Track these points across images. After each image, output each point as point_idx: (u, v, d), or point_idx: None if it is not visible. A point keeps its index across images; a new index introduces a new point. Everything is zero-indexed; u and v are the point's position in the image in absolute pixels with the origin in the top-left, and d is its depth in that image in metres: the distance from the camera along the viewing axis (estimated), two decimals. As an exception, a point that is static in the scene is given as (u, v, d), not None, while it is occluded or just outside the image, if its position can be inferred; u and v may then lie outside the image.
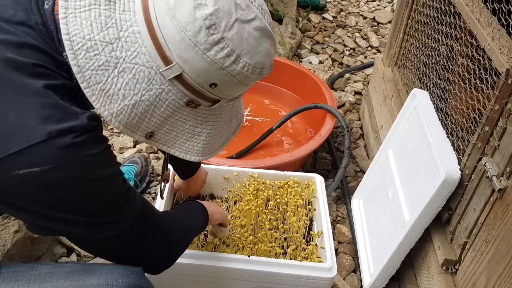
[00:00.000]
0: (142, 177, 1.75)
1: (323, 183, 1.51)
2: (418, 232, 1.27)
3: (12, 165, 0.66)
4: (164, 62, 0.72)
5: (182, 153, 0.83)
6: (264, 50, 0.76)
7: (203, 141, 0.84)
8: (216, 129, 0.86)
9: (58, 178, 0.68)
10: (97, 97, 0.72)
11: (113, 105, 0.73)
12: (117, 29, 0.72)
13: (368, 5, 3.36)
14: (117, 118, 0.74)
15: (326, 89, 2.09)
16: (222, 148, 0.90)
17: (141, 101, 0.74)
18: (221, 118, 0.86)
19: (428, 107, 1.42)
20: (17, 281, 0.84)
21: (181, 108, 0.78)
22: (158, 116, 0.77)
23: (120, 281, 0.85)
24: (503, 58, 1.03)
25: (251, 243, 1.33)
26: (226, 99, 0.81)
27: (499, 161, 1.04)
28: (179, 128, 0.80)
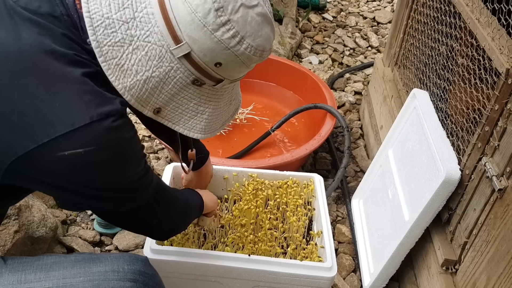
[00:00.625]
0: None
1: (322, 182, 1.51)
2: (418, 232, 1.28)
3: (58, 147, 0.72)
4: (175, 41, 0.78)
5: (186, 130, 0.89)
6: (265, 34, 0.82)
7: (205, 120, 0.89)
8: (217, 110, 0.91)
9: (100, 158, 0.76)
10: (113, 71, 0.78)
11: (126, 79, 0.79)
12: (133, 9, 0.78)
13: (368, 5, 3.37)
14: (129, 91, 0.80)
15: (326, 89, 2.09)
16: (221, 129, 0.96)
17: (152, 77, 0.80)
18: (222, 100, 0.91)
19: (428, 107, 1.42)
20: (24, 270, 0.87)
21: (187, 86, 0.83)
22: (166, 93, 0.82)
23: (126, 267, 0.89)
24: (503, 58, 1.03)
25: (251, 242, 1.33)
26: (228, 79, 0.86)
27: (499, 161, 1.04)
28: (184, 106, 0.86)
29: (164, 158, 1.94)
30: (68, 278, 0.87)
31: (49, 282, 0.86)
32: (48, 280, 0.86)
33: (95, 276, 0.87)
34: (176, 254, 1.23)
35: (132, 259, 0.92)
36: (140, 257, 0.94)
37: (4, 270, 0.87)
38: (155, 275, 0.95)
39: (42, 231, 1.42)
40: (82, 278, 0.87)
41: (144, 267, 0.93)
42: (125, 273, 0.89)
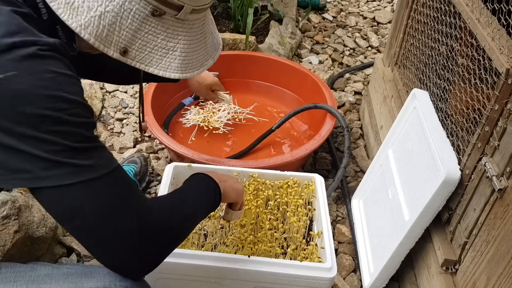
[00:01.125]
0: (141, 176, 1.75)
1: (323, 183, 1.51)
2: (418, 232, 1.27)
3: None
4: None
5: (161, 71, 0.84)
6: None
7: (179, 57, 0.85)
8: (190, 45, 0.86)
9: (21, 86, 0.67)
10: (63, 10, 0.75)
11: (80, 17, 0.76)
12: None
13: (368, 5, 3.36)
14: (86, 30, 0.76)
15: (326, 89, 2.09)
16: (201, 70, 0.90)
17: (107, 12, 0.77)
18: (192, 34, 0.87)
19: (428, 107, 1.42)
20: (16, 281, 0.85)
21: (147, 19, 0.80)
22: (127, 29, 0.79)
23: (118, 284, 0.85)
24: (503, 58, 1.03)
25: (251, 243, 1.33)
26: (189, 5, 0.82)
27: (499, 161, 1.04)
28: (151, 43, 0.82)
29: (164, 158, 1.94)
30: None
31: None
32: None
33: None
34: (175, 256, 1.23)
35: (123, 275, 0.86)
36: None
37: None
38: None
39: (42, 231, 1.42)
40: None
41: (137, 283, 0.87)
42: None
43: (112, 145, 1.99)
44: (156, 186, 1.80)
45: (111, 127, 2.10)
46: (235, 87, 2.30)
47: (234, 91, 2.28)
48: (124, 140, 1.99)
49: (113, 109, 2.19)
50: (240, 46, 2.44)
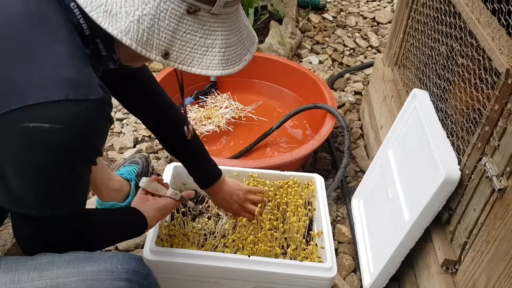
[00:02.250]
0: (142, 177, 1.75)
1: (323, 183, 1.51)
2: (418, 232, 1.27)
3: (26, 116, 0.72)
4: None
5: (204, 70, 0.85)
6: None
7: (219, 53, 0.85)
8: (227, 40, 0.87)
9: (61, 139, 0.75)
10: (103, 18, 0.76)
11: (119, 24, 0.77)
12: None
13: (368, 5, 3.36)
14: (127, 35, 0.77)
15: (326, 89, 2.09)
16: (242, 65, 0.91)
17: (144, 15, 0.77)
18: (228, 27, 0.87)
19: (428, 107, 1.42)
20: (18, 270, 0.86)
21: (184, 17, 0.80)
22: (166, 30, 0.80)
23: (120, 267, 0.88)
24: (503, 58, 1.03)
25: (251, 243, 1.33)
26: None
27: (499, 161, 1.04)
28: (191, 43, 0.83)
29: (164, 158, 1.94)
30: (61, 278, 0.86)
31: (42, 282, 0.85)
32: (41, 280, 0.85)
33: (88, 276, 0.86)
34: (176, 255, 1.23)
35: (126, 259, 0.91)
36: (134, 256, 0.93)
37: None
38: (149, 274, 0.94)
39: (42, 232, 1.42)
40: (76, 278, 0.86)
41: (138, 266, 0.91)
42: (119, 272, 0.88)
43: (112, 145, 2.00)
44: (156, 186, 1.80)
45: (111, 127, 2.10)
46: (235, 87, 2.30)
47: (234, 91, 2.28)
48: (124, 140, 1.99)
49: (113, 109, 2.19)
50: (240, 46, 2.43)
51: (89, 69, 0.80)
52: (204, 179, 1.35)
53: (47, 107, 0.72)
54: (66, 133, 0.74)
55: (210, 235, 1.41)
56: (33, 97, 0.71)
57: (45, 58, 0.74)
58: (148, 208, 1.12)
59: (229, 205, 1.40)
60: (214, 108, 2.16)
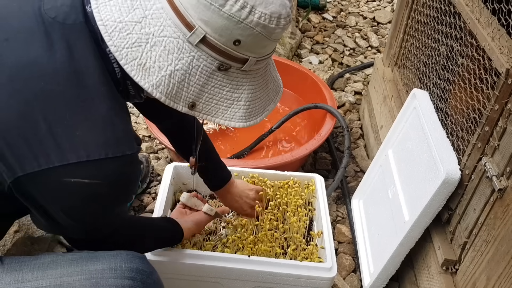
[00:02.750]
0: (143, 177, 1.75)
1: (323, 183, 1.51)
2: (418, 232, 1.27)
3: (67, 173, 0.76)
4: (188, 29, 0.78)
5: (227, 121, 0.87)
6: (277, 0, 0.79)
7: (243, 106, 0.87)
8: (253, 94, 0.88)
9: (99, 192, 0.81)
10: (136, 72, 0.79)
11: (151, 78, 0.79)
12: (143, 9, 0.79)
13: (368, 5, 3.36)
14: (157, 89, 0.80)
15: (326, 89, 2.09)
16: (264, 116, 0.93)
17: (176, 71, 0.80)
18: (256, 82, 0.88)
19: (428, 107, 1.42)
20: (21, 270, 0.87)
21: (214, 73, 0.82)
22: (195, 84, 0.82)
23: (123, 265, 0.89)
24: (503, 58, 1.03)
25: (251, 243, 1.33)
26: (253, 57, 0.83)
27: (499, 161, 1.04)
28: (218, 96, 0.84)
29: (164, 158, 1.94)
30: (65, 276, 0.86)
31: (46, 280, 0.86)
32: (45, 279, 0.86)
33: (92, 275, 0.87)
34: (176, 256, 1.23)
35: (129, 257, 0.91)
36: (138, 255, 0.94)
37: (1, 270, 0.87)
38: (153, 273, 0.95)
39: (42, 231, 1.42)
40: (79, 277, 0.87)
41: (142, 264, 0.92)
42: (123, 271, 0.88)
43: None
44: (156, 186, 1.80)
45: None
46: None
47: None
48: (124, 140, 1.99)
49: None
50: (240, 46, 2.44)
51: (127, 123, 0.85)
52: (215, 181, 1.37)
53: (88, 165, 0.77)
54: (104, 187, 0.80)
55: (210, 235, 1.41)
56: (75, 156, 0.76)
57: (87, 117, 0.78)
58: (186, 221, 1.22)
59: (240, 206, 1.41)
60: None
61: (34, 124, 0.75)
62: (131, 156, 0.82)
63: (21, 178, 0.76)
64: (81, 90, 0.78)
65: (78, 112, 0.77)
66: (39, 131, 0.75)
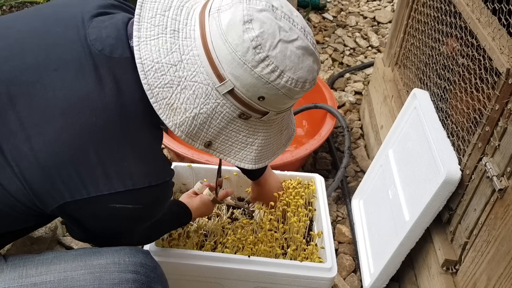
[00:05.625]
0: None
1: (323, 183, 1.51)
2: (418, 232, 1.27)
3: (113, 200, 0.82)
4: (219, 79, 0.82)
5: (237, 161, 0.93)
6: (306, 66, 0.84)
7: (255, 151, 0.93)
8: (267, 140, 0.95)
9: (140, 214, 0.87)
10: (163, 110, 0.83)
11: (176, 117, 0.84)
12: (180, 53, 0.83)
13: (368, 5, 3.36)
14: (179, 128, 0.85)
15: (326, 89, 2.09)
16: (273, 158, 1.00)
17: (200, 114, 0.84)
18: (271, 130, 0.95)
19: (429, 107, 1.42)
20: (25, 265, 0.89)
21: (235, 120, 0.87)
22: (215, 127, 0.87)
23: (127, 259, 0.91)
24: (503, 58, 1.03)
25: (251, 243, 1.33)
26: (274, 111, 0.89)
27: (499, 161, 1.04)
28: (233, 138, 0.90)
29: (164, 158, 1.94)
30: (69, 271, 0.88)
31: (50, 275, 0.87)
32: (49, 273, 0.87)
33: (96, 269, 0.88)
34: (176, 256, 1.23)
35: (133, 252, 0.93)
36: (141, 250, 0.95)
37: (5, 267, 0.88)
38: (157, 267, 0.96)
39: (41, 231, 1.42)
40: (83, 271, 0.88)
41: (146, 259, 0.93)
42: (126, 265, 0.90)
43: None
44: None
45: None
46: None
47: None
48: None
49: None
50: (240, 46, 2.43)
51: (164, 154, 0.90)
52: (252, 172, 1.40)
53: (133, 193, 0.82)
54: (144, 210, 0.87)
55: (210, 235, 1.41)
56: (122, 185, 0.81)
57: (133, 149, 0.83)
58: (193, 201, 1.29)
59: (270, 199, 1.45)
60: None
61: (85, 156, 0.79)
62: (169, 182, 0.89)
63: (70, 203, 0.81)
64: (129, 123, 0.83)
65: (126, 144, 0.82)
66: (89, 162, 0.79)
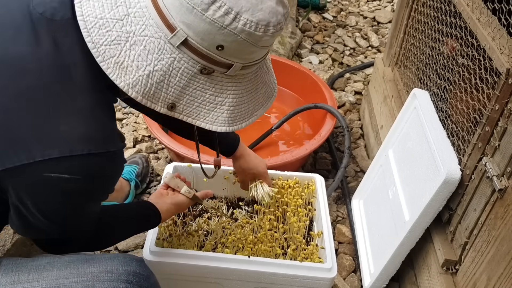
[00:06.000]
0: (143, 177, 1.75)
1: (323, 183, 1.51)
2: (418, 232, 1.27)
3: (48, 168, 0.74)
4: (170, 30, 0.75)
5: (208, 124, 0.84)
6: (267, 7, 0.76)
7: (227, 111, 0.84)
8: (239, 99, 0.86)
9: (79, 187, 0.79)
10: (113, 69, 0.77)
11: (128, 76, 0.77)
12: (126, 6, 0.77)
13: (368, 5, 3.36)
14: (134, 88, 0.78)
15: (326, 89, 2.09)
16: (251, 121, 0.90)
17: (155, 71, 0.77)
18: (242, 87, 0.86)
19: (429, 107, 1.42)
20: (18, 271, 0.87)
21: (196, 76, 0.80)
22: (175, 86, 0.79)
23: (120, 268, 0.89)
24: (503, 58, 1.03)
25: (251, 243, 1.33)
26: (239, 63, 0.81)
27: (499, 161, 1.03)
28: (199, 98, 0.82)
29: (164, 158, 1.94)
30: (61, 278, 0.86)
31: (42, 282, 0.86)
32: (41, 280, 0.86)
33: (88, 277, 0.87)
34: (175, 256, 1.23)
35: (126, 260, 0.91)
36: (135, 258, 0.93)
37: None
38: (150, 276, 0.94)
39: (41, 232, 1.42)
40: (75, 279, 0.86)
41: (139, 268, 0.92)
42: (119, 274, 0.88)
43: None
44: (156, 186, 1.80)
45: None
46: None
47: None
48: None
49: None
50: (240, 46, 2.43)
51: (111, 120, 0.83)
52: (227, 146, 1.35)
53: (70, 160, 0.75)
54: (84, 183, 0.78)
55: (210, 235, 1.41)
56: (58, 151, 0.74)
57: (71, 112, 0.76)
58: (164, 202, 1.16)
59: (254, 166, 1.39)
60: None
61: (17, 120, 0.74)
62: (115, 153, 0.80)
63: (1, 173, 0.75)
64: (66, 85, 0.76)
65: (62, 106, 0.75)
66: (20, 126, 0.74)
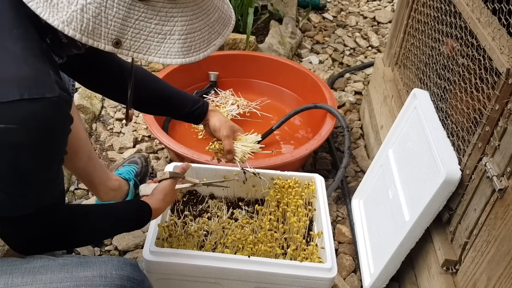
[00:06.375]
0: (142, 177, 1.75)
1: (323, 183, 1.51)
2: (418, 232, 1.27)
3: None
4: None
5: (162, 58, 0.79)
6: None
7: (178, 40, 0.79)
8: (189, 26, 0.80)
9: (17, 139, 0.72)
10: (43, 9, 0.72)
11: (61, 14, 0.73)
12: None
13: (368, 5, 3.36)
14: (69, 26, 0.73)
15: (326, 89, 2.09)
16: (209, 51, 0.84)
17: (88, 4, 0.73)
18: (190, 13, 0.81)
19: (429, 107, 1.42)
20: (12, 273, 0.86)
21: (134, 5, 0.75)
22: (115, 19, 0.75)
23: (114, 273, 0.86)
24: (503, 58, 1.03)
25: (251, 243, 1.33)
26: None
27: (499, 161, 1.03)
28: (145, 30, 0.77)
29: (164, 158, 1.94)
30: (55, 282, 0.85)
31: (35, 286, 0.84)
32: (35, 284, 0.84)
33: (81, 281, 0.85)
34: (175, 256, 1.22)
35: (120, 264, 0.89)
36: (129, 262, 0.92)
37: None
38: (144, 281, 0.92)
39: (41, 232, 1.42)
40: (69, 283, 0.85)
41: (133, 272, 0.90)
42: (113, 278, 0.86)
43: (111, 145, 1.99)
44: (156, 186, 1.80)
45: (110, 127, 2.09)
46: (235, 87, 2.29)
47: (234, 91, 2.28)
48: (123, 140, 1.99)
49: (112, 109, 2.19)
50: (240, 46, 2.44)
51: (46, 65, 0.76)
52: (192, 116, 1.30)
53: (1, 107, 0.69)
54: (21, 133, 0.72)
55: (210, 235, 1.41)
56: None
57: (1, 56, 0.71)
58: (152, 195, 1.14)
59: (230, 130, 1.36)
60: (221, 106, 2.16)
61: None
62: (52, 100, 0.73)
63: None
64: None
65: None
66: None
